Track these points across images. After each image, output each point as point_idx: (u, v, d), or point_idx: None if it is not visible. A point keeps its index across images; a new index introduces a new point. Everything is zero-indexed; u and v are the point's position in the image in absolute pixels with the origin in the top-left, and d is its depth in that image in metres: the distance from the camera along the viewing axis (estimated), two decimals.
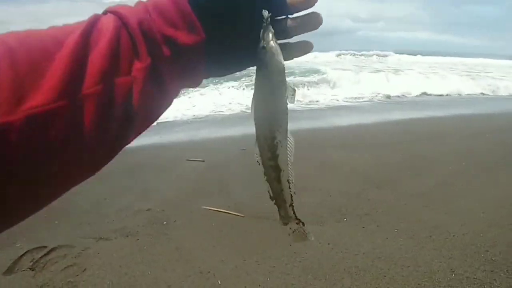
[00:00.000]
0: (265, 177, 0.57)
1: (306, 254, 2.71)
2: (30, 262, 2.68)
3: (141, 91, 0.47)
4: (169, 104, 0.55)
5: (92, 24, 0.47)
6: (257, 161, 0.56)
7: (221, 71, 0.58)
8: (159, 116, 0.55)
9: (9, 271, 2.60)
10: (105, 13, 0.51)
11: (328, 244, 2.83)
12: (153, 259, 2.72)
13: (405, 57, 29.72)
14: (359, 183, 3.96)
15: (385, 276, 2.47)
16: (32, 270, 2.60)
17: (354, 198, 3.59)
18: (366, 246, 2.80)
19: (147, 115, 0.52)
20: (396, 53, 31.80)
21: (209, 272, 2.55)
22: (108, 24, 0.47)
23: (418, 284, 2.39)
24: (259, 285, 2.43)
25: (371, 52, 30.91)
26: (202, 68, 0.54)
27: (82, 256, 2.77)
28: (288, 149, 0.55)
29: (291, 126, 0.54)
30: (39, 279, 2.51)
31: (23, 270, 2.61)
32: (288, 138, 0.54)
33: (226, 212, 3.31)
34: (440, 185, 3.91)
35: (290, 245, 2.80)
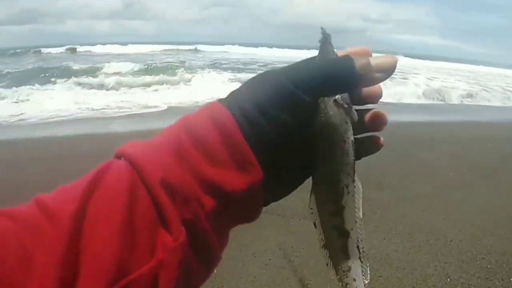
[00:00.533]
0: (323, 244, 0.41)
1: (303, 249, 2.72)
2: None
3: (174, 278, 0.33)
4: (218, 263, 0.39)
5: (89, 193, 0.33)
6: (314, 223, 0.41)
7: (281, 197, 0.43)
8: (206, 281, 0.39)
9: None
10: (117, 157, 0.37)
11: None
12: None
13: (416, 61, 29.72)
14: None
15: (380, 276, 2.48)
16: None
17: None
18: None
19: None
20: (406, 56, 31.76)
21: None
22: (117, 185, 0.33)
23: (413, 286, 2.40)
24: (255, 277, 2.44)
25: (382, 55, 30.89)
26: (260, 207, 0.40)
27: None
28: (356, 199, 0.40)
29: None
30: None
31: None
32: (355, 184, 0.40)
33: None
34: (439, 191, 3.91)
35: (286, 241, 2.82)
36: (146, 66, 14.77)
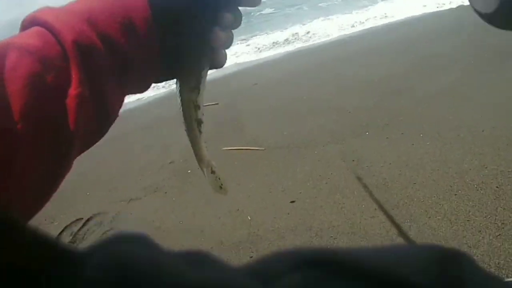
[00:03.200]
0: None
1: (332, 175, 2.67)
2: (70, 236, 2.78)
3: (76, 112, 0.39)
4: (113, 119, 0.48)
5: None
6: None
7: (172, 73, 0.52)
8: (103, 134, 0.48)
9: None
10: (29, 23, 0.41)
11: (353, 160, 2.77)
12: (183, 208, 2.78)
13: None
14: (375, 94, 3.76)
15: (414, 183, 2.41)
16: (73, 243, 2.70)
17: (372, 110, 3.45)
18: (392, 156, 2.72)
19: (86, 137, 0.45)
20: None
21: (237, 210, 2.58)
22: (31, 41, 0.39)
23: (450, 186, 2.32)
24: (288, 213, 2.43)
25: None
26: (153, 69, 0.49)
27: (116, 220, 2.85)
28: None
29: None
30: None
31: None
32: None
33: (246, 149, 3.29)
34: (459, 82, 3.63)
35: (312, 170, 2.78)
36: None
